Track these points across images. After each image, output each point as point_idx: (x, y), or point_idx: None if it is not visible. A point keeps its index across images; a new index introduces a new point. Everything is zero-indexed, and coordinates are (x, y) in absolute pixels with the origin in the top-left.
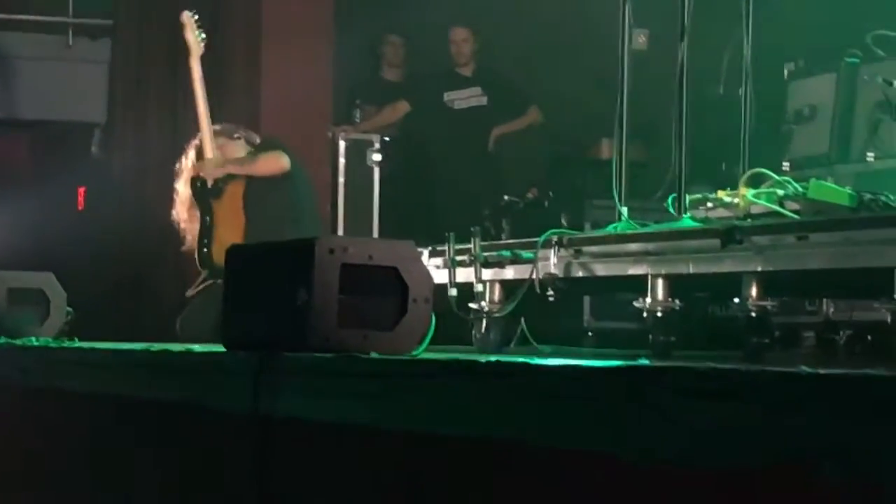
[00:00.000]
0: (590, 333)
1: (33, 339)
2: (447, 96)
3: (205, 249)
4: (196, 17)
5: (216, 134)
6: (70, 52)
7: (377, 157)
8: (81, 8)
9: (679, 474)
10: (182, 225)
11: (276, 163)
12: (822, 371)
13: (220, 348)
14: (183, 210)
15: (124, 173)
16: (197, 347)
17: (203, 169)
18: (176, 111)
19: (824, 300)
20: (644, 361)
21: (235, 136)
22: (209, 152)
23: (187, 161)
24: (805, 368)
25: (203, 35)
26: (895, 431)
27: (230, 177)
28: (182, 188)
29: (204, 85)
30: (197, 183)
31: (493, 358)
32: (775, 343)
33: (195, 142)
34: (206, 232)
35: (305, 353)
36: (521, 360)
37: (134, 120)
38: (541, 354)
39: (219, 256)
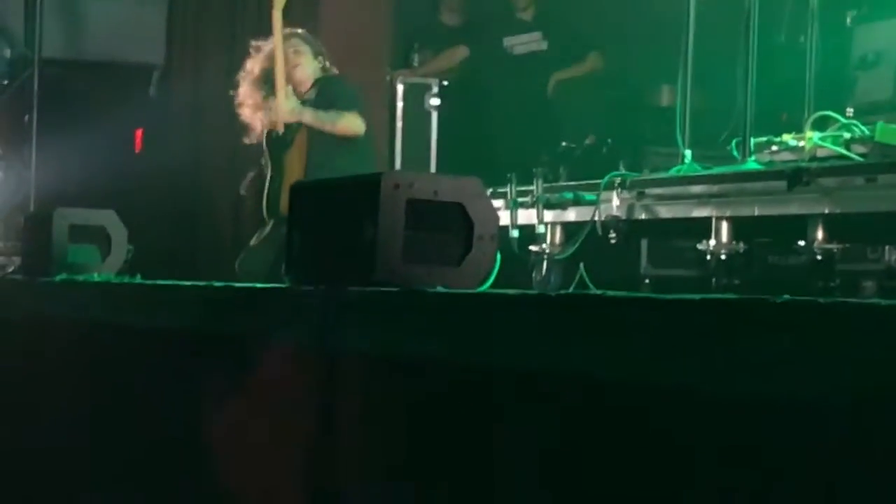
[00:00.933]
0: (647, 280)
1: (95, 275)
2: (507, 41)
3: (271, 198)
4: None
5: (290, 36)
6: None
7: (435, 101)
8: None
9: (754, 405)
10: (247, 119)
11: (353, 126)
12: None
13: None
14: (247, 105)
15: (182, 115)
16: (260, 284)
17: (277, 113)
18: (234, 52)
19: (886, 248)
20: None
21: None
22: (283, 99)
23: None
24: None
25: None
26: None
27: (299, 126)
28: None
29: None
30: (271, 133)
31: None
32: (836, 290)
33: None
34: (273, 181)
35: (371, 287)
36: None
37: (192, 61)
38: None
39: (285, 206)
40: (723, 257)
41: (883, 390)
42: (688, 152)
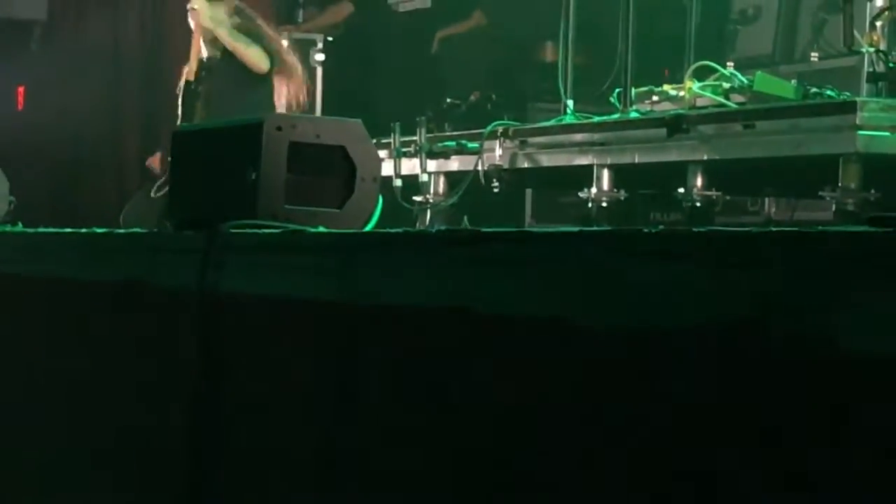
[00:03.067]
0: None
1: None
2: None
3: None
4: None
5: None
6: None
7: (320, 56)
8: None
9: (631, 336)
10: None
11: (260, 61)
12: (774, 229)
13: None
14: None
15: (64, 70)
16: (141, 230)
17: (198, 16)
18: (117, 6)
19: (766, 200)
20: None
21: None
22: (205, 5)
23: None
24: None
25: None
26: (849, 285)
27: (208, 76)
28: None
29: None
30: (189, 85)
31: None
32: None
33: None
34: None
35: (252, 229)
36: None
37: (74, 16)
38: None
39: None
40: (604, 205)
41: (755, 316)
42: (570, 102)
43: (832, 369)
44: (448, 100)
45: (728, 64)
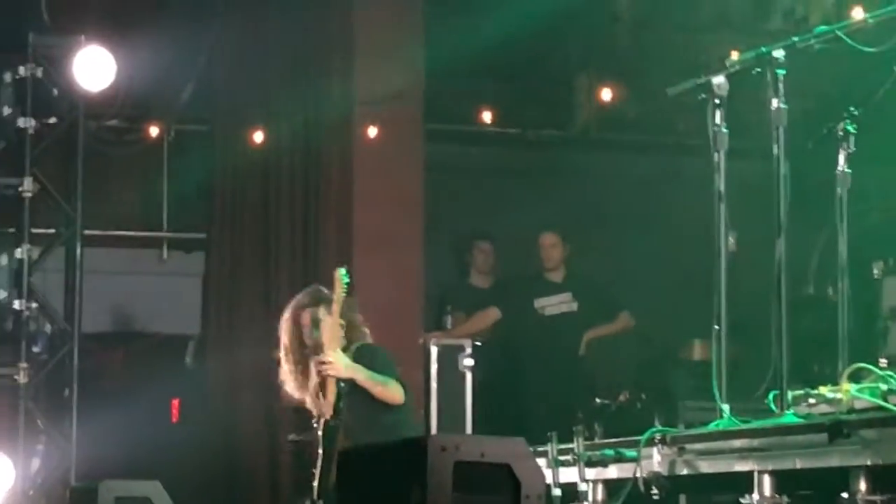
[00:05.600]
0: None
1: None
2: (537, 303)
3: (323, 479)
4: (347, 270)
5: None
6: (164, 266)
7: (469, 361)
8: (176, 222)
9: None
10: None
11: (398, 395)
12: None
13: None
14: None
15: (217, 385)
16: None
17: (333, 362)
18: (268, 323)
19: None
20: None
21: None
22: (339, 356)
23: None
24: None
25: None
26: None
27: (344, 408)
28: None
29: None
30: (328, 423)
31: None
32: None
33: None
34: (326, 462)
35: None
36: None
37: (227, 331)
38: None
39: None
40: None
41: None
42: (725, 406)
43: None
44: (597, 400)
45: (881, 362)
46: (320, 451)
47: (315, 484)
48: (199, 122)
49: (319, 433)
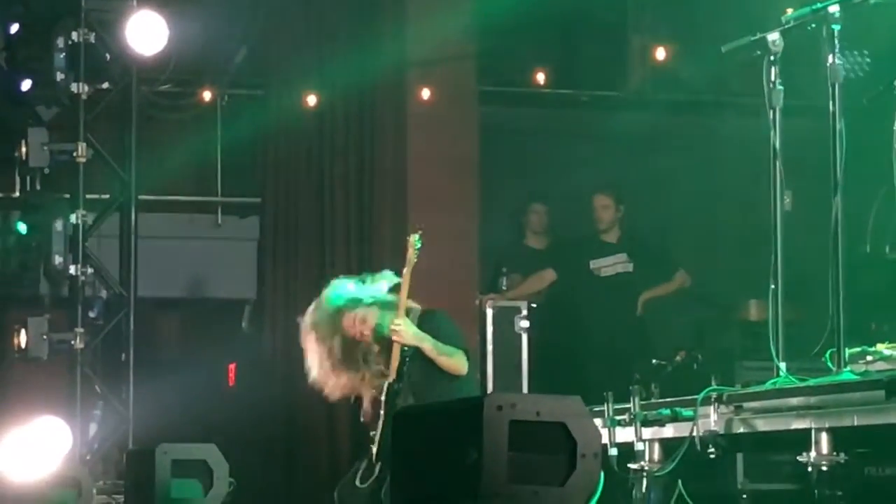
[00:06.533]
0: (744, 496)
1: None
2: (593, 264)
3: (384, 445)
4: (420, 235)
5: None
6: (219, 231)
7: (525, 323)
8: (230, 187)
9: None
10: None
11: (462, 366)
12: None
13: None
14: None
15: (274, 349)
16: None
17: (402, 331)
18: (324, 286)
19: None
20: None
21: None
22: (407, 324)
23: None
24: None
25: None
26: None
27: (407, 373)
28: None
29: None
30: (392, 386)
31: None
32: None
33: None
34: (386, 425)
35: None
36: None
37: (283, 296)
38: None
39: None
40: (823, 469)
41: None
42: (782, 364)
43: None
44: (654, 360)
45: None
46: (381, 413)
47: (373, 446)
48: (252, 87)
49: (382, 396)
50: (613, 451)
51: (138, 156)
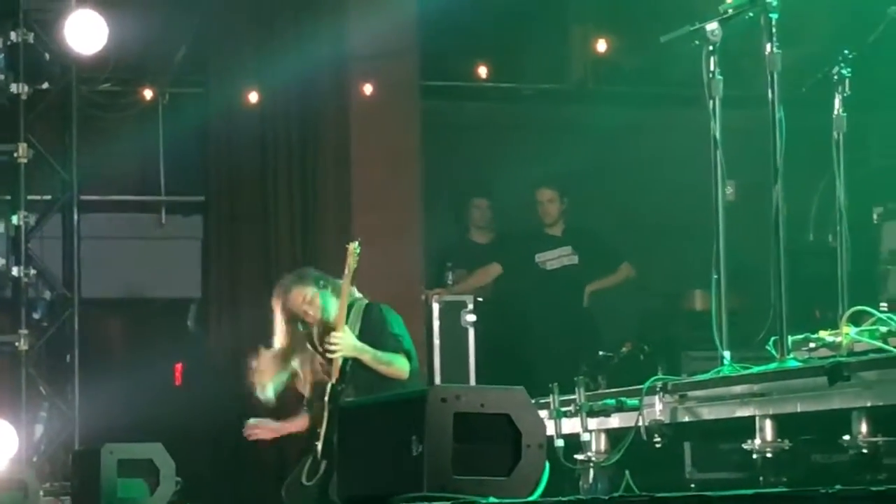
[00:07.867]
0: (692, 485)
1: None
2: (538, 258)
3: (326, 442)
4: (359, 243)
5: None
6: (163, 230)
7: (471, 317)
8: (173, 186)
9: None
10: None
11: (402, 371)
12: None
13: None
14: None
15: (219, 348)
16: None
17: (341, 346)
18: (270, 285)
19: None
20: None
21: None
22: (349, 335)
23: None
24: None
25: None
26: None
27: (350, 373)
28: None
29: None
30: (335, 387)
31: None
32: (884, 485)
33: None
34: (331, 423)
35: (422, 502)
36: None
37: (228, 294)
38: None
39: None
40: (768, 456)
41: None
42: (726, 353)
43: None
44: (601, 352)
45: (881, 306)
46: (325, 413)
47: (319, 444)
48: (193, 85)
49: (325, 398)
50: (560, 443)
51: (80, 156)
